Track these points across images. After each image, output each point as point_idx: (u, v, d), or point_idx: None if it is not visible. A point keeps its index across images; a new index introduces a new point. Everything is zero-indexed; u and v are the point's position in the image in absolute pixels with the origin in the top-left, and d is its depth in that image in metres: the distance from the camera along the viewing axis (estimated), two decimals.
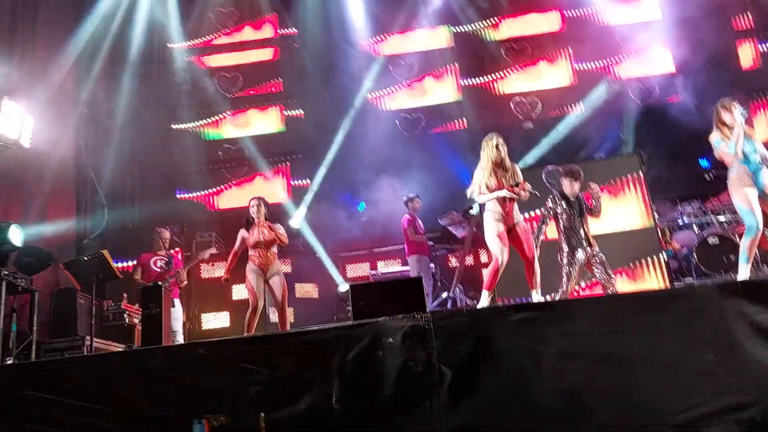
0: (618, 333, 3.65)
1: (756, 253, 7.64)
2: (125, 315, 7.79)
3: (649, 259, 7.70)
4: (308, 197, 10.95)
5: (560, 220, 6.25)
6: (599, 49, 11.51)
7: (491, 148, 5.67)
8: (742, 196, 5.34)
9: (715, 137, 5.55)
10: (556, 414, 3.47)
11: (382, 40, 12.01)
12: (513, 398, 3.52)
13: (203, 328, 8.97)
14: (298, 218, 10.56)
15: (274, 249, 6.74)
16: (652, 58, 11.45)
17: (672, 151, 9.96)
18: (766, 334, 3.60)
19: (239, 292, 9.10)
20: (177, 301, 7.61)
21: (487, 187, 5.63)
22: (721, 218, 8.82)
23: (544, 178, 8.07)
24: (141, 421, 3.72)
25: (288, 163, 11.61)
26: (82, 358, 5.25)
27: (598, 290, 6.53)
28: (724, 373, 3.53)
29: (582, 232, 6.24)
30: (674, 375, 3.55)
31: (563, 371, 3.55)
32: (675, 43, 11.11)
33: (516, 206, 5.69)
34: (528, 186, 5.71)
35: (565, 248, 6.18)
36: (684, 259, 8.65)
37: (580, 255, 6.14)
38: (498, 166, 5.67)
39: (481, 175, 5.69)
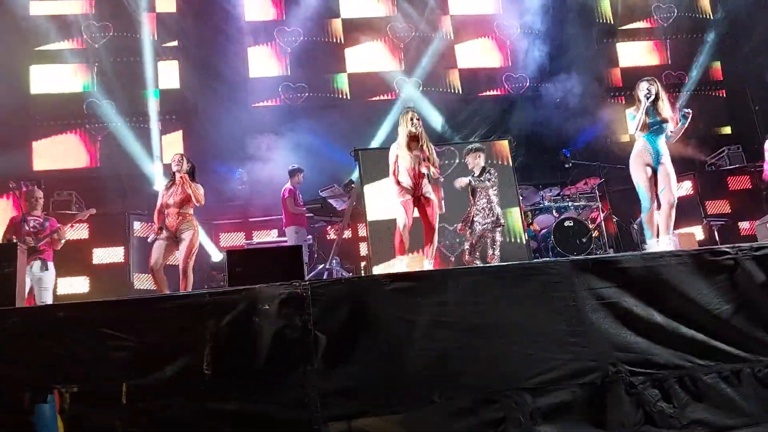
0: (483, 303, 3.87)
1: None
2: None
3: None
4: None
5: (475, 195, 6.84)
6: None
7: (407, 121, 5.84)
8: (641, 174, 5.56)
9: (629, 111, 5.88)
10: (426, 378, 3.64)
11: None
12: (386, 363, 3.63)
13: (58, 293, 8.35)
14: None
15: (188, 210, 6.55)
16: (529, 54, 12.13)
17: (537, 141, 10.67)
18: (609, 307, 3.99)
19: (101, 256, 8.64)
20: (51, 265, 7.04)
21: (402, 159, 5.80)
22: (576, 204, 9.61)
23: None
24: None
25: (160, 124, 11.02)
26: None
27: None
28: (572, 341, 3.86)
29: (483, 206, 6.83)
30: (531, 343, 3.83)
31: (434, 338, 3.72)
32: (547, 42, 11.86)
33: (426, 178, 5.89)
34: (437, 164, 5.95)
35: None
36: (542, 239, 9.33)
37: (477, 227, 6.75)
38: (413, 139, 5.84)
39: (397, 150, 5.88)
